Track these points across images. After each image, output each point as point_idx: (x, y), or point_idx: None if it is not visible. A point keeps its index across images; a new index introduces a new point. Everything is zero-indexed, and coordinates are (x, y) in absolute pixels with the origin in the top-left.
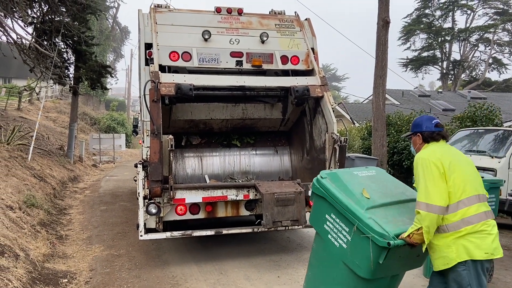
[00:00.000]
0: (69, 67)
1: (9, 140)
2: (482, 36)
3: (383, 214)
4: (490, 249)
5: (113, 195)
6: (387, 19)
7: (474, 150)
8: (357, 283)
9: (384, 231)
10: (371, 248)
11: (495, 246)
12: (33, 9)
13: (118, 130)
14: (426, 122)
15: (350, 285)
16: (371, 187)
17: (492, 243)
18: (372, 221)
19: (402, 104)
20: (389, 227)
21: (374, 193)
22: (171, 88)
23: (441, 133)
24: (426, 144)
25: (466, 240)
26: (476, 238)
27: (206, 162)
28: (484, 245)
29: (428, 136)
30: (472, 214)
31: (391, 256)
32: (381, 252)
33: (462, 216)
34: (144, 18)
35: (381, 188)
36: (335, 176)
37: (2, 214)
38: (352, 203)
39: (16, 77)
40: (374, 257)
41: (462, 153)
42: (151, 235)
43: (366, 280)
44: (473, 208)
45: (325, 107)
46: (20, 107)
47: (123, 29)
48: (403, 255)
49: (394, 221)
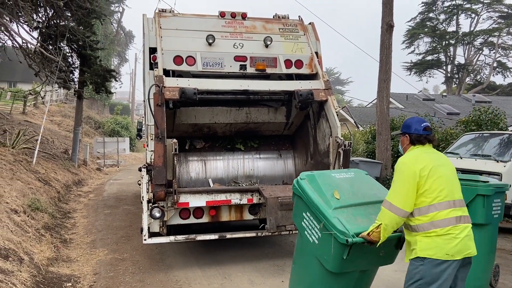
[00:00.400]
0: (74, 71)
1: (14, 143)
2: (487, 39)
3: (349, 213)
4: (451, 251)
5: (117, 199)
6: (391, 23)
7: (479, 154)
8: (327, 277)
9: (346, 229)
10: (332, 244)
11: (458, 249)
12: (38, 14)
13: (122, 133)
14: (416, 124)
15: (322, 278)
16: (345, 188)
17: (455, 246)
18: (337, 220)
19: (406, 108)
20: (351, 226)
21: (346, 194)
22: (175, 92)
23: (428, 137)
24: (412, 146)
25: (432, 240)
26: (441, 240)
27: (210, 166)
28: (446, 247)
29: (415, 139)
30: (441, 218)
31: (356, 253)
32: (344, 248)
33: (432, 219)
34: (149, 22)
35: (354, 190)
36: (312, 178)
37: (7, 217)
38: (322, 203)
39: (21, 81)
40: (336, 252)
41: (444, 158)
42: (155, 239)
43: (335, 274)
44: (443, 213)
45: (329, 111)
46: (25, 111)
47: (127, 34)
48: (368, 252)
49: (359, 220)
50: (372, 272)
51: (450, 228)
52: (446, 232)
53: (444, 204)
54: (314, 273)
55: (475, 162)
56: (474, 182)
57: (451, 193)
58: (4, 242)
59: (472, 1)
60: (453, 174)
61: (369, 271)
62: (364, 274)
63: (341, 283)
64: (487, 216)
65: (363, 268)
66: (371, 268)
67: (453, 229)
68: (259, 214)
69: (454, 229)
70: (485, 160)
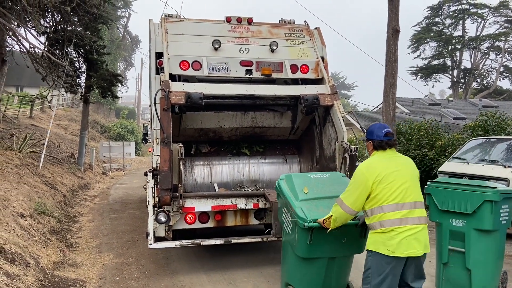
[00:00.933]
0: (80, 75)
1: (21, 147)
2: (493, 44)
3: (312, 205)
4: (391, 248)
5: (123, 203)
6: (397, 28)
7: (486, 159)
8: (299, 263)
9: (305, 216)
10: (296, 230)
11: (398, 246)
12: (46, 19)
13: (128, 138)
14: (377, 130)
15: (296, 264)
16: (316, 186)
17: (395, 243)
18: (300, 209)
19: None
20: (311, 213)
21: (314, 190)
22: (181, 97)
23: (389, 142)
24: (375, 151)
25: (378, 236)
26: (384, 237)
27: (215, 171)
28: (387, 243)
29: (377, 144)
30: (386, 219)
31: (319, 239)
32: (306, 233)
33: (379, 219)
34: (155, 28)
35: (324, 187)
36: (289, 178)
37: (13, 221)
38: (292, 197)
39: (28, 85)
40: (301, 237)
41: (402, 163)
42: (161, 243)
43: (305, 260)
44: (389, 214)
45: (335, 116)
46: (32, 115)
47: (133, 38)
48: (331, 239)
49: (320, 210)
50: (343, 261)
51: (393, 228)
52: (389, 230)
53: (391, 207)
54: (290, 260)
55: (482, 168)
56: (482, 188)
57: (401, 197)
58: (10, 246)
59: (478, 6)
60: (409, 178)
61: (340, 260)
62: (333, 262)
63: (312, 268)
64: (495, 222)
65: (331, 255)
66: (340, 256)
67: (396, 229)
68: (265, 219)
69: (396, 229)
70: (492, 166)
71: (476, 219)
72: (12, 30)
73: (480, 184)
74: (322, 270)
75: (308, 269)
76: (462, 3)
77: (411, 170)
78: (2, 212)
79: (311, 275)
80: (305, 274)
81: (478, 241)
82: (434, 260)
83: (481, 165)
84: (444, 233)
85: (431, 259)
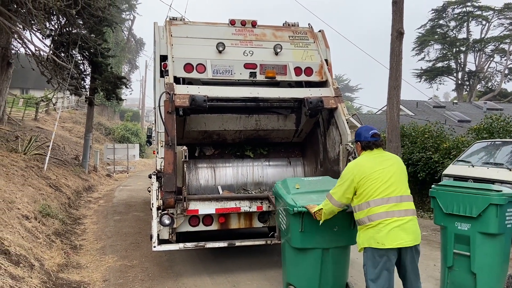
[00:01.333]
0: (85, 78)
1: (26, 150)
2: (498, 46)
3: (302, 196)
4: (381, 240)
5: (127, 205)
6: (401, 30)
7: (491, 162)
8: (295, 254)
9: (294, 203)
10: (289, 219)
11: (386, 238)
12: (51, 22)
13: (132, 140)
14: (364, 132)
15: (291, 257)
16: (308, 185)
17: (383, 235)
18: (291, 199)
19: (416, 115)
20: (300, 202)
21: (306, 187)
22: (185, 100)
23: (376, 142)
24: (363, 152)
25: (366, 232)
26: (373, 231)
27: (219, 173)
28: (376, 236)
29: (365, 145)
30: (373, 213)
31: (310, 227)
32: (297, 221)
33: (367, 214)
34: (160, 30)
35: (314, 185)
36: (284, 181)
37: (18, 223)
38: (285, 193)
39: (33, 88)
40: (293, 226)
41: (389, 160)
42: (165, 246)
43: (299, 250)
44: (375, 209)
45: (339, 119)
46: (37, 118)
47: (138, 41)
48: (322, 228)
49: (309, 200)
50: (337, 254)
51: (380, 221)
52: (376, 224)
53: (377, 201)
54: (288, 256)
55: (487, 171)
56: (487, 191)
57: (387, 192)
58: (15, 248)
59: (483, 8)
60: (394, 174)
61: (334, 252)
62: (328, 253)
63: (307, 261)
64: (500, 225)
65: (324, 245)
66: (334, 248)
67: (383, 221)
68: (269, 222)
69: (383, 221)
70: (498, 169)
71: (481, 222)
72: (17, 33)
73: (485, 188)
74: (318, 262)
75: (304, 261)
76: (466, 6)
77: (397, 166)
78: (7, 214)
79: (307, 269)
80: (302, 269)
81: (483, 244)
82: (439, 263)
83: (486, 168)
84: (449, 236)
85: (436, 263)
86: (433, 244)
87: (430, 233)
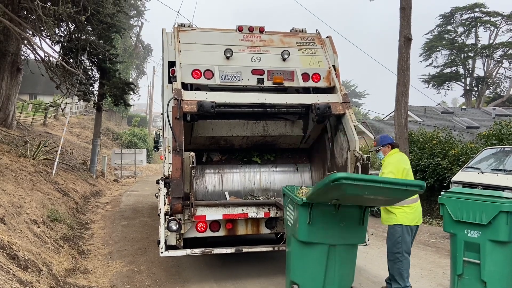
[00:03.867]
0: (93, 84)
1: (35, 155)
2: (506, 52)
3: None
4: (415, 219)
5: (134, 210)
6: (409, 36)
7: (501, 169)
8: (301, 250)
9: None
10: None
11: (418, 217)
12: (60, 28)
13: (139, 145)
14: (388, 138)
15: (297, 254)
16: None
17: (419, 213)
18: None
19: (424, 121)
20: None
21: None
22: (193, 105)
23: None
24: (393, 150)
25: (404, 212)
26: (409, 211)
27: (226, 179)
28: (410, 216)
29: (395, 145)
30: (410, 198)
31: (317, 221)
32: (305, 211)
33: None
34: (168, 37)
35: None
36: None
37: (26, 228)
38: (290, 193)
39: (42, 93)
40: (301, 218)
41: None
42: (172, 252)
43: (305, 246)
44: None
45: (346, 125)
46: (45, 123)
47: (146, 47)
48: (330, 222)
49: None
50: (344, 253)
51: (412, 205)
52: (409, 206)
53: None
54: (293, 251)
55: (496, 177)
56: (497, 198)
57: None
58: (24, 253)
59: (491, 14)
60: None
61: (341, 250)
62: (335, 250)
63: (313, 256)
64: (511, 233)
65: (331, 241)
66: (341, 246)
67: (414, 205)
68: (276, 228)
69: (414, 205)
70: (507, 175)
71: (491, 230)
72: (27, 39)
73: (495, 195)
74: (323, 259)
75: (310, 257)
76: (474, 11)
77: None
78: (16, 219)
79: (313, 266)
80: (307, 265)
81: (494, 252)
82: (449, 271)
83: (496, 175)
84: (459, 244)
85: (445, 271)
86: (442, 252)
87: (439, 240)
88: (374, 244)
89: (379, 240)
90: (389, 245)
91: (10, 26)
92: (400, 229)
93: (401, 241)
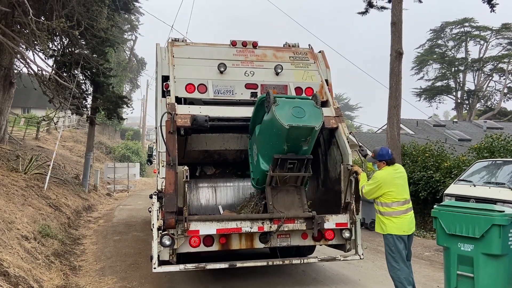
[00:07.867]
0: (87, 97)
1: (27, 169)
2: (496, 66)
3: None
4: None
5: (127, 225)
6: (400, 50)
7: (493, 182)
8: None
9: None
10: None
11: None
12: (54, 43)
13: (132, 159)
14: (388, 153)
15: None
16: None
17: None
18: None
19: (416, 134)
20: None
21: None
22: (187, 120)
23: (393, 160)
24: (386, 166)
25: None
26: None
27: (220, 193)
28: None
29: (390, 162)
30: (397, 209)
31: None
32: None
33: (393, 209)
34: (162, 51)
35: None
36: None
37: (17, 244)
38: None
39: (35, 107)
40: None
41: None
42: (165, 267)
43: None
44: (399, 207)
45: (340, 138)
46: (38, 137)
47: (139, 61)
48: None
49: None
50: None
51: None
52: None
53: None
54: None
55: (489, 190)
56: (490, 211)
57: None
58: (14, 269)
59: (481, 28)
60: (404, 181)
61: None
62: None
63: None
64: (503, 246)
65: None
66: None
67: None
68: (270, 242)
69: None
70: (499, 188)
71: (484, 243)
72: (20, 53)
73: (487, 208)
74: None
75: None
76: (464, 26)
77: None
78: (7, 235)
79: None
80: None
81: (487, 265)
82: (442, 285)
83: (488, 188)
84: (452, 257)
85: (439, 284)
86: (436, 265)
87: (433, 254)
88: (368, 257)
89: (373, 253)
90: (386, 254)
91: (3, 41)
92: (391, 238)
93: (395, 250)
